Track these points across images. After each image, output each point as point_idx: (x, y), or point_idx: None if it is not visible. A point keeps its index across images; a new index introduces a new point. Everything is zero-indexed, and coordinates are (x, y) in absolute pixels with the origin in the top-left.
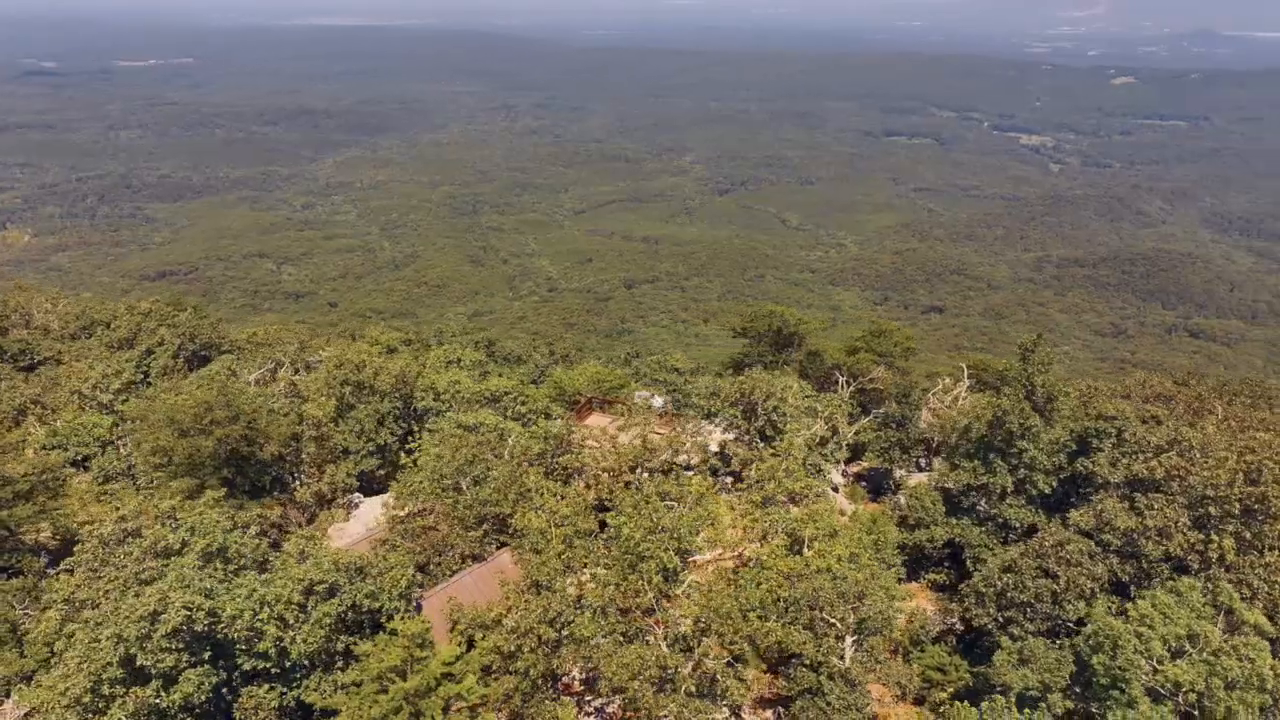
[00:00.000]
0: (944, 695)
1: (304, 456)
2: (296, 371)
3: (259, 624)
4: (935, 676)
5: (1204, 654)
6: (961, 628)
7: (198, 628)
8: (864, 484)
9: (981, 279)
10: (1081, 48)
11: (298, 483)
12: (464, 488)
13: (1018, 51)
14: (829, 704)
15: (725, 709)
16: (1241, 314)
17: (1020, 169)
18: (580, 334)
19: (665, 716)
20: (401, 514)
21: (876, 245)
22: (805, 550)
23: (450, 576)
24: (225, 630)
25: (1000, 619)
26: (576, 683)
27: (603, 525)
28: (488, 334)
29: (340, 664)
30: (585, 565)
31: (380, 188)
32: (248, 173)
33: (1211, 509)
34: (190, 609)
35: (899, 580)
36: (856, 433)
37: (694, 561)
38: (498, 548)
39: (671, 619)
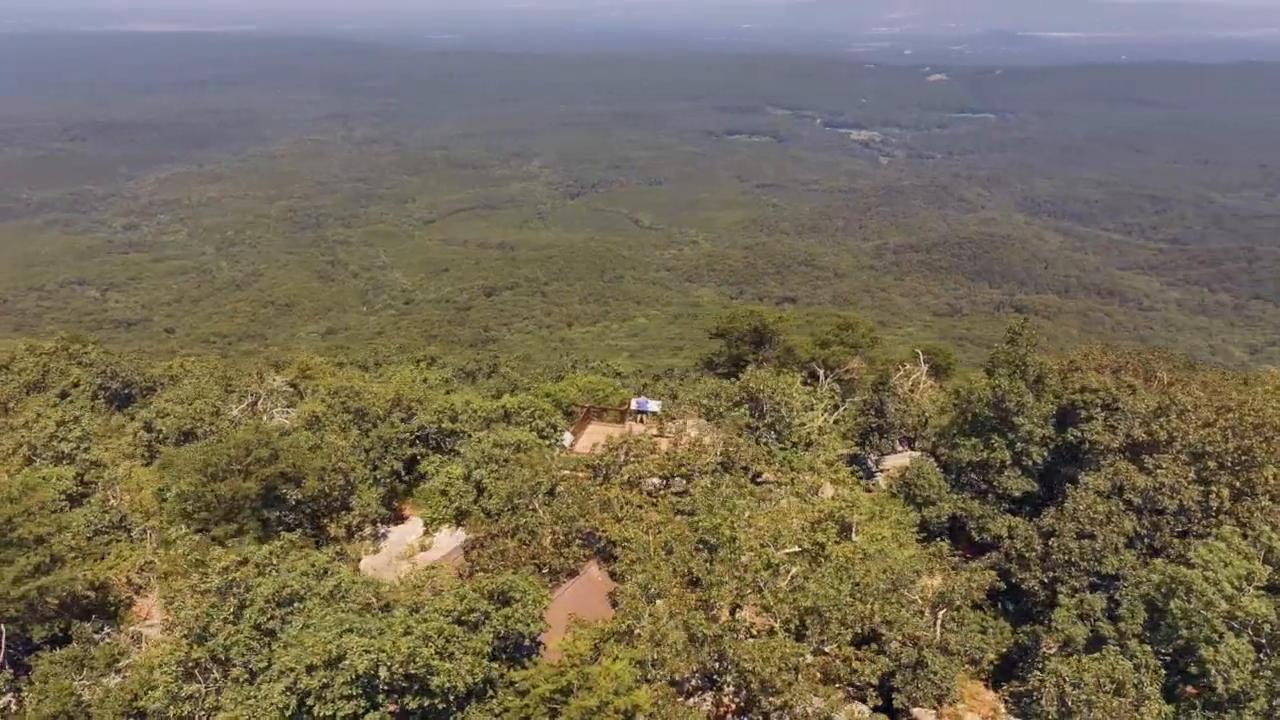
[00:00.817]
0: (992, 657)
1: (331, 489)
2: (273, 402)
3: (432, 661)
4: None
5: (1258, 590)
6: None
7: (382, 672)
8: None
9: (828, 269)
10: (898, 47)
11: (325, 517)
12: (537, 506)
13: (842, 52)
14: (934, 674)
15: (842, 691)
16: (1056, 289)
17: (853, 163)
18: (444, 345)
19: (793, 704)
20: (475, 537)
21: (728, 241)
22: (853, 535)
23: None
24: (401, 669)
25: (1045, 579)
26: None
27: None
28: (429, 351)
29: (490, 693)
30: (691, 570)
31: (211, 204)
32: (55, 194)
33: (1210, 463)
34: (371, 651)
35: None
36: (836, 421)
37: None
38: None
39: (781, 610)
